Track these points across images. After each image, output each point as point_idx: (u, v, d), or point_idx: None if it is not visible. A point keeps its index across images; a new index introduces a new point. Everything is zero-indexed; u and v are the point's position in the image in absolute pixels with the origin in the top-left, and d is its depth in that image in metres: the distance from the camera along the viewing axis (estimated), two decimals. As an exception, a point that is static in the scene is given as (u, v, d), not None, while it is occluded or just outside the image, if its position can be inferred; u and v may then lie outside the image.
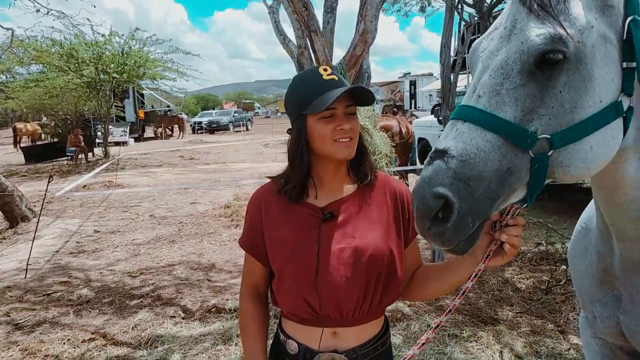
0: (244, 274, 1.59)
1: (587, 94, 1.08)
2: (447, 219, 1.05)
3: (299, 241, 1.42)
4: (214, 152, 20.05)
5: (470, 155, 1.06)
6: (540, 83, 1.08)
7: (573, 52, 1.07)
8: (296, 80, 1.48)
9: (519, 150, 1.07)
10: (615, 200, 1.32)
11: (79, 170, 14.93)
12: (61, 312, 4.42)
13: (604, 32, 1.11)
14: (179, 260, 5.92)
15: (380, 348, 1.47)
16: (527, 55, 1.07)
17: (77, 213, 8.94)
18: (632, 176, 1.26)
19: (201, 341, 3.79)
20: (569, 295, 4.28)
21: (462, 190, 1.04)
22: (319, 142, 1.39)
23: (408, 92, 30.98)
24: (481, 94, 1.11)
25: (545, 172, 1.09)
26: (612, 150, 1.14)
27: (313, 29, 4.04)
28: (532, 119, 1.08)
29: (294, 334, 1.46)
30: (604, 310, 1.53)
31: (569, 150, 1.09)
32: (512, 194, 1.11)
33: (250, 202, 1.54)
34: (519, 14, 1.12)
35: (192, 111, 58.06)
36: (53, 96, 18.58)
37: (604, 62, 1.11)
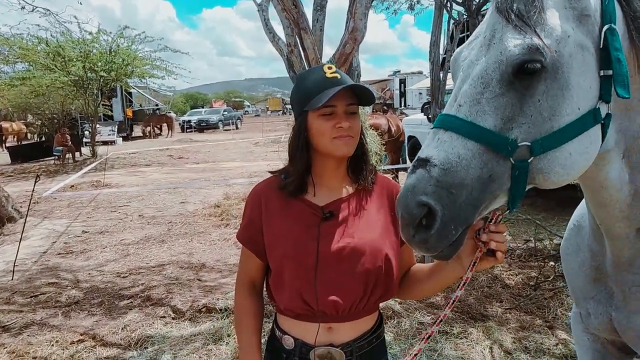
0: (240, 268, 1.60)
1: (565, 102, 1.11)
2: (430, 227, 1.07)
3: (299, 238, 1.43)
4: (204, 151, 19.94)
5: (452, 163, 1.08)
6: (519, 92, 1.10)
7: (550, 61, 1.09)
8: (300, 77, 1.51)
9: (499, 157, 1.09)
10: (601, 201, 1.35)
11: (67, 170, 14.76)
12: (49, 314, 4.38)
13: (581, 41, 1.13)
14: (169, 260, 5.88)
15: (374, 341, 1.50)
16: (505, 65, 1.09)
17: (65, 213, 8.83)
18: (615, 178, 1.29)
19: (192, 341, 3.77)
20: (557, 291, 4.33)
21: (444, 198, 1.06)
22: (318, 139, 1.41)
23: (398, 90, 31.05)
24: (462, 103, 1.13)
25: (525, 179, 1.11)
26: (590, 156, 1.17)
27: (302, 26, 4.02)
28: (512, 127, 1.10)
29: (289, 330, 1.47)
30: (597, 306, 1.56)
31: (549, 157, 1.11)
32: (494, 200, 1.13)
33: (250, 197, 1.55)
34: (497, 24, 1.14)
35: (181, 110, 57.71)
36: (39, 95, 18.33)
37: (582, 70, 1.13)
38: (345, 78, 1.42)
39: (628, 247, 1.39)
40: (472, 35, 1.25)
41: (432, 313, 4.06)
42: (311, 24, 4.45)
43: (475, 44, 1.20)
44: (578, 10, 1.14)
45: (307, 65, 4.30)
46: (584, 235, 1.61)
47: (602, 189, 1.32)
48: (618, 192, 1.31)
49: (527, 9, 1.11)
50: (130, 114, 29.04)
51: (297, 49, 4.39)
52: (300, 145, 1.44)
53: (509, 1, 1.13)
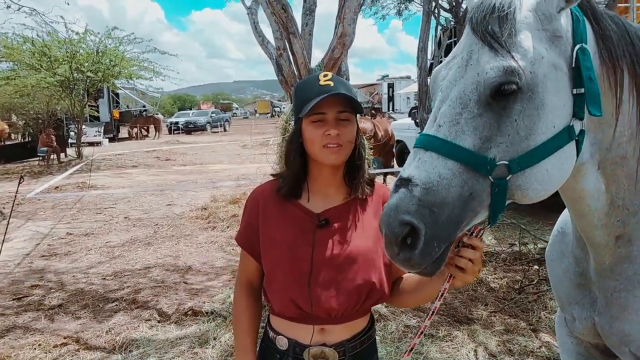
0: (239, 269, 1.63)
1: (540, 120, 1.14)
2: (414, 245, 1.09)
3: (294, 243, 1.45)
4: (191, 153, 19.82)
5: (433, 182, 1.10)
6: (496, 112, 1.13)
7: (525, 82, 1.12)
8: (297, 85, 1.56)
9: (479, 175, 1.12)
10: (580, 210, 1.40)
11: (51, 171, 14.57)
12: (32, 317, 4.31)
13: (555, 61, 1.17)
14: (155, 263, 5.83)
15: (367, 341, 1.53)
16: (482, 87, 1.13)
17: (49, 215, 8.72)
18: (592, 188, 1.34)
19: (177, 344, 3.74)
20: (540, 295, 4.38)
21: (427, 216, 1.08)
22: (309, 145, 1.44)
23: (386, 94, 31.25)
24: (441, 123, 1.16)
25: (505, 195, 1.15)
26: (566, 172, 1.21)
27: (292, 31, 4.04)
28: (490, 147, 1.13)
29: (283, 330, 1.50)
30: (582, 311, 1.59)
31: (527, 174, 1.14)
32: (475, 216, 1.16)
33: (249, 200, 1.58)
34: (474, 45, 1.18)
35: (168, 111, 57.32)
36: (24, 95, 18.07)
37: (556, 89, 1.16)
38: (339, 86, 1.43)
39: (609, 254, 1.43)
40: (450, 54, 1.27)
41: (418, 316, 4.09)
42: (300, 28, 4.47)
43: (453, 64, 1.23)
44: (550, 32, 1.18)
45: (296, 69, 4.31)
46: (568, 241, 1.64)
47: (581, 200, 1.37)
48: (596, 202, 1.36)
49: (502, 31, 1.14)
50: (117, 115, 28.76)
51: (286, 52, 4.40)
52: (293, 151, 1.48)
53: (484, 23, 1.16)
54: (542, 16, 1.18)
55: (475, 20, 1.19)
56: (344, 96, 1.41)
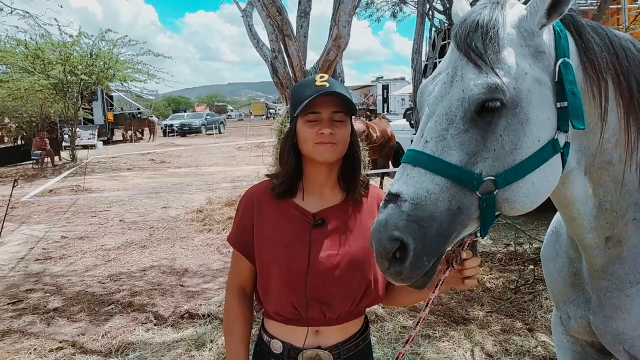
0: (230, 272, 1.60)
1: (525, 135, 1.16)
2: (404, 259, 1.11)
3: (289, 242, 1.45)
4: (186, 156, 19.77)
5: (421, 198, 1.12)
6: (481, 128, 1.15)
7: (510, 98, 1.14)
8: (294, 86, 1.59)
9: (467, 190, 1.14)
10: (570, 215, 1.43)
11: (45, 175, 14.48)
12: (28, 321, 4.29)
13: (538, 77, 1.19)
14: (151, 266, 5.81)
15: (361, 344, 1.53)
16: (467, 104, 1.15)
17: (44, 218, 8.67)
18: (580, 193, 1.37)
19: (174, 347, 3.73)
20: (536, 294, 4.41)
21: (416, 231, 1.10)
22: (303, 143, 1.45)
23: (381, 96, 31.29)
24: (428, 139, 1.18)
25: (494, 209, 1.17)
26: (552, 184, 1.23)
27: (287, 33, 4.05)
28: (476, 162, 1.15)
29: (277, 334, 1.49)
30: (577, 310, 1.61)
31: (513, 187, 1.16)
32: (463, 229, 1.18)
33: (243, 199, 1.57)
34: (459, 61, 1.20)
35: (163, 114, 57.14)
36: (17, 98, 17.94)
37: (540, 104, 1.18)
38: (334, 86, 1.44)
39: (600, 255, 1.46)
40: (436, 69, 1.29)
41: (414, 317, 4.10)
42: (295, 30, 4.48)
43: (439, 80, 1.24)
44: (533, 47, 1.20)
45: (291, 71, 4.32)
46: (562, 241, 1.67)
47: (570, 204, 1.40)
48: (584, 206, 1.39)
49: (485, 47, 1.16)
50: (111, 118, 28.66)
51: (281, 54, 4.41)
52: (287, 149, 1.49)
53: (468, 40, 1.18)
54: (525, 32, 1.20)
55: (460, 37, 1.21)
56: (338, 96, 1.42)
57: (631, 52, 1.32)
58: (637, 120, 1.31)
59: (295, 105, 1.46)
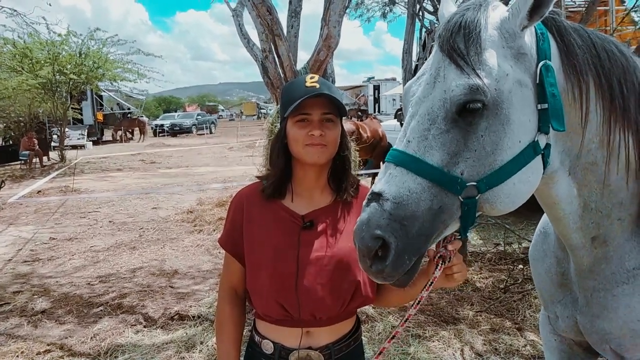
0: (222, 274, 1.61)
1: (506, 136, 1.17)
2: (385, 258, 1.12)
3: (278, 244, 1.45)
4: (176, 156, 19.66)
5: (403, 197, 1.13)
6: (462, 129, 1.16)
7: (491, 99, 1.15)
8: (284, 86, 1.59)
9: (448, 190, 1.15)
10: (556, 215, 1.44)
11: (34, 175, 14.33)
12: (15, 324, 4.24)
13: (520, 78, 1.20)
14: (140, 267, 5.77)
15: (352, 344, 1.54)
16: (449, 104, 1.15)
17: (32, 220, 8.57)
18: (565, 194, 1.38)
19: (164, 349, 3.71)
20: (525, 294, 4.44)
21: (397, 230, 1.11)
22: (293, 144, 1.45)
23: (372, 96, 31.39)
24: (410, 139, 1.19)
25: (475, 211, 1.19)
26: (533, 185, 1.24)
27: (277, 33, 4.05)
28: (458, 162, 1.16)
29: (268, 334, 1.49)
30: (564, 310, 1.62)
31: (495, 190, 1.17)
32: (445, 229, 1.19)
33: (233, 201, 1.58)
34: (442, 62, 1.20)
35: (153, 114, 56.78)
36: (5, 97, 17.73)
37: (521, 105, 1.19)
38: (324, 88, 1.44)
39: (586, 255, 1.47)
40: (420, 70, 1.30)
41: (404, 317, 4.10)
42: (286, 30, 4.48)
43: (422, 81, 1.25)
44: (515, 49, 1.21)
45: (282, 71, 4.31)
46: (550, 242, 1.68)
47: (555, 205, 1.40)
48: (569, 206, 1.39)
49: (467, 49, 1.17)
50: (101, 118, 28.44)
51: (271, 54, 4.40)
52: (277, 150, 1.49)
53: (450, 41, 1.19)
54: (507, 34, 1.21)
55: (443, 38, 1.21)
56: (328, 97, 1.42)
57: (613, 54, 1.33)
58: (620, 121, 1.32)
59: (285, 105, 1.46)
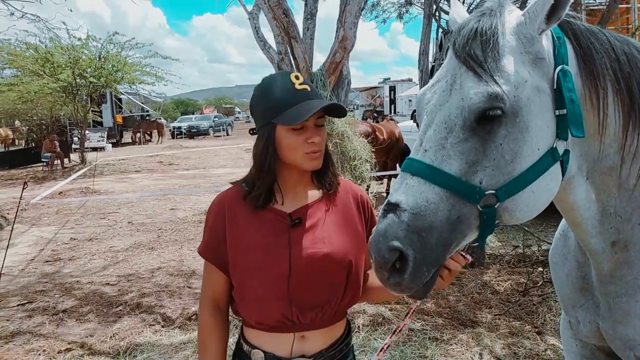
0: (203, 286, 1.53)
1: (525, 143, 1.15)
2: (403, 270, 1.10)
3: (268, 246, 1.40)
4: (194, 157, 19.86)
5: (420, 207, 1.11)
6: (481, 137, 1.14)
7: (510, 107, 1.12)
8: (266, 84, 1.43)
9: (466, 200, 1.13)
10: (574, 220, 1.41)
11: (55, 177, 14.62)
12: (36, 322, 4.32)
13: (538, 84, 1.17)
14: (159, 267, 5.84)
15: (345, 349, 1.50)
16: (467, 112, 1.13)
17: (53, 220, 8.75)
18: (583, 199, 1.35)
19: (181, 349, 3.74)
20: (545, 297, 4.37)
21: (415, 242, 1.09)
22: (288, 152, 1.38)
23: (388, 97, 31.23)
24: (427, 148, 1.17)
25: (494, 220, 1.16)
26: (552, 192, 1.21)
27: (293, 35, 4.06)
28: (476, 171, 1.14)
29: (259, 343, 1.43)
30: (586, 315, 1.59)
31: (514, 198, 1.15)
32: (463, 239, 1.17)
33: (212, 208, 1.49)
34: (458, 69, 1.18)
35: (171, 116, 57.44)
36: (27, 101, 18.15)
37: (539, 111, 1.17)
38: (313, 89, 1.41)
39: (606, 260, 1.43)
40: (435, 77, 1.27)
41: (422, 319, 4.08)
42: (301, 32, 4.49)
43: (437, 88, 1.23)
44: (533, 54, 1.18)
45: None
46: (570, 245, 1.65)
47: (573, 210, 1.38)
48: (588, 211, 1.37)
49: (485, 55, 1.14)
50: (120, 120, 28.86)
51: (287, 57, 4.42)
52: (268, 158, 1.39)
53: (467, 48, 1.16)
54: (524, 39, 1.18)
55: (458, 44, 1.19)
56: (333, 108, 1.39)
57: (633, 56, 1.30)
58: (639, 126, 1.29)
59: (273, 109, 1.36)
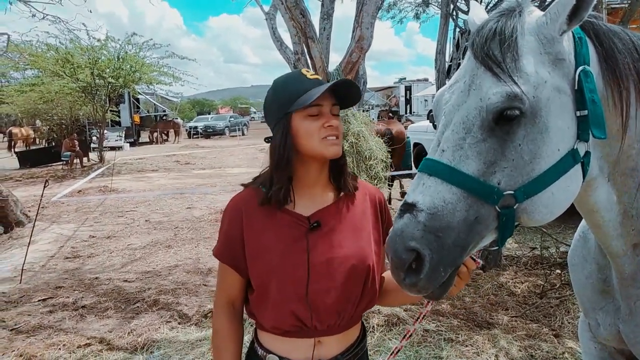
0: (218, 288, 1.52)
1: (544, 144, 1.13)
2: (420, 270, 1.09)
3: (286, 250, 1.37)
4: (210, 157, 20.03)
5: (437, 207, 1.10)
6: (499, 137, 1.13)
7: (529, 107, 1.11)
8: (277, 83, 1.44)
9: (484, 200, 1.12)
10: (595, 222, 1.39)
11: (74, 175, 14.88)
12: (57, 318, 4.41)
13: (558, 85, 1.16)
14: (176, 265, 5.91)
15: (359, 353, 1.49)
16: (486, 112, 1.12)
17: (73, 218, 8.91)
18: (604, 200, 1.33)
19: (197, 346, 3.79)
20: (563, 300, 4.31)
21: (432, 242, 1.08)
22: (306, 140, 1.35)
23: (403, 97, 31.09)
24: (445, 148, 1.16)
25: (513, 222, 1.15)
26: (572, 194, 1.19)
27: (310, 35, 4.07)
28: (494, 171, 1.13)
29: (274, 348, 1.41)
30: (606, 317, 1.57)
31: (533, 199, 1.14)
32: (481, 240, 1.16)
33: (228, 210, 1.47)
34: (476, 69, 1.17)
35: (187, 116, 58.03)
36: (48, 101, 18.52)
37: (559, 112, 1.15)
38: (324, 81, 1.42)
39: (628, 262, 1.41)
40: (453, 77, 1.27)
41: (437, 321, 4.06)
42: (318, 32, 4.50)
43: (455, 88, 1.22)
44: (553, 55, 1.17)
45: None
46: (590, 247, 1.62)
47: (594, 212, 1.36)
48: (609, 213, 1.35)
49: (504, 55, 1.13)
50: (138, 120, 29.24)
51: (304, 57, 4.44)
52: (286, 151, 1.36)
53: (485, 48, 1.16)
54: (544, 39, 1.17)
55: (477, 45, 1.18)
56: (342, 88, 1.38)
57: None
58: None
59: (286, 101, 1.36)
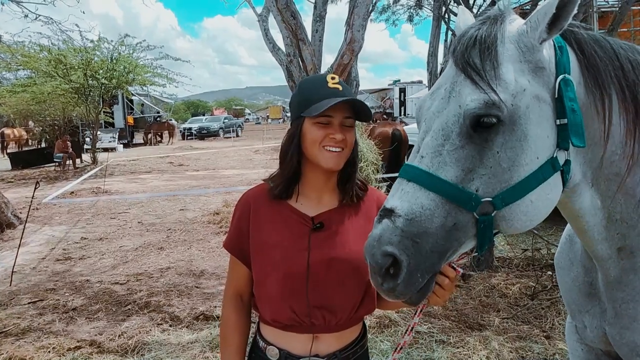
0: (227, 280, 1.58)
1: (523, 152, 1.14)
2: (397, 275, 1.10)
3: (288, 247, 1.42)
4: (204, 159, 19.98)
5: (415, 213, 1.11)
6: (478, 144, 1.13)
7: (507, 115, 1.12)
8: (303, 82, 1.52)
9: (462, 207, 1.12)
10: (580, 227, 1.40)
11: (67, 177, 14.78)
12: (47, 320, 4.38)
13: (538, 93, 1.16)
14: (168, 267, 5.89)
15: (359, 351, 1.51)
16: (463, 119, 1.13)
17: (64, 220, 8.85)
18: (588, 206, 1.34)
19: (189, 348, 3.77)
20: (554, 301, 4.33)
21: (409, 247, 1.09)
22: (309, 145, 1.41)
23: (398, 99, 31.18)
24: (424, 154, 1.16)
25: (491, 229, 1.15)
26: (552, 202, 1.20)
27: (301, 37, 4.08)
28: (473, 178, 1.13)
29: (274, 340, 1.46)
30: (592, 320, 1.58)
31: (511, 206, 1.14)
32: (460, 246, 1.16)
33: (239, 204, 1.54)
34: (457, 77, 1.18)
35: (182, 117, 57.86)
36: (40, 102, 18.40)
37: (539, 120, 1.15)
38: (346, 90, 1.43)
39: (613, 266, 1.43)
40: (435, 84, 1.27)
41: (429, 322, 4.07)
42: (310, 34, 4.51)
43: (437, 95, 1.23)
44: (533, 63, 1.18)
45: (306, 75, 4.34)
46: (577, 250, 1.64)
47: (579, 217, 1.37)
48: (593, 218, 1.36)
49: (483, 63, 1.14)
50: (131, 121, 29.14)
51: (296, 59, 4.44)
52: (292, 149, 1.44)
53: (466, 56, 1.16)
54: (525, 48, 1.17)
55: (457, 52, 1.19)
56: (356, 103, 1.41)
57: (638, 64, 1.29)
58: None
59: (304, 103, 1.42)
